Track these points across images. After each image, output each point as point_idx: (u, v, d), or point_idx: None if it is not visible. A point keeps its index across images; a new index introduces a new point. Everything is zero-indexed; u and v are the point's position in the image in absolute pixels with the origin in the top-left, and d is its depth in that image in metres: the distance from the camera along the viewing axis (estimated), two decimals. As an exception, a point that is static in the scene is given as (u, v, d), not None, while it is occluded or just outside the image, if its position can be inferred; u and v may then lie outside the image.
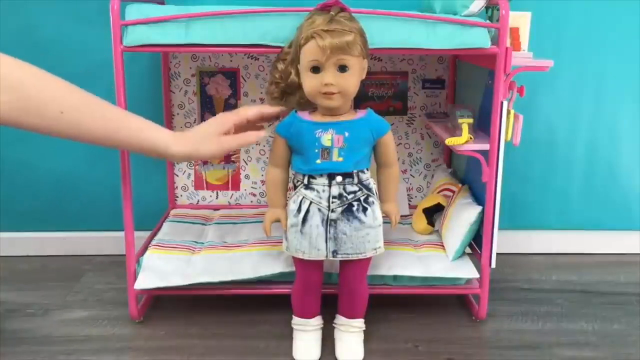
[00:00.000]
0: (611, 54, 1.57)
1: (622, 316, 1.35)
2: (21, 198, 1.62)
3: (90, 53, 1.51)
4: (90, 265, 1.59)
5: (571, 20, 1.54)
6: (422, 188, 1.65)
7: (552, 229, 1.69)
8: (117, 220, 1.33)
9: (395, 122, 1.59)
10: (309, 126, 1.10)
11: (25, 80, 0.94)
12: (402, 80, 1.57)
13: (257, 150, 1.60)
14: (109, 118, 1.01)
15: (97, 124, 1.00)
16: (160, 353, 1.19)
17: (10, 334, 1.26)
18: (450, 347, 1.22)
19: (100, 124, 1.00)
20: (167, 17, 1.11)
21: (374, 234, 1.13)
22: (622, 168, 1.65)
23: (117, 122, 1.02)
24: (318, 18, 1.05)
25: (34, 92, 0.94)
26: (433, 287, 1.30)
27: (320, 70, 1.05)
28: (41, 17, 1.50)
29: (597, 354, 1.21)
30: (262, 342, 1.23)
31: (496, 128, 1.19)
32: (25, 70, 0.95)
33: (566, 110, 1.61)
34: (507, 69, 1.16)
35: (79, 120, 0.98)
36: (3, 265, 1.58)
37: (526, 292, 1.46)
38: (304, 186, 1.11)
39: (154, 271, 1.26)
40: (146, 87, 1.55)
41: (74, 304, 1.39)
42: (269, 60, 1.52)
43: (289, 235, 1.13)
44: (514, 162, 1.58)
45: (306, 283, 1.16)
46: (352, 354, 1.17)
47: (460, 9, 1.19)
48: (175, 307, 1.36)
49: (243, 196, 1.64)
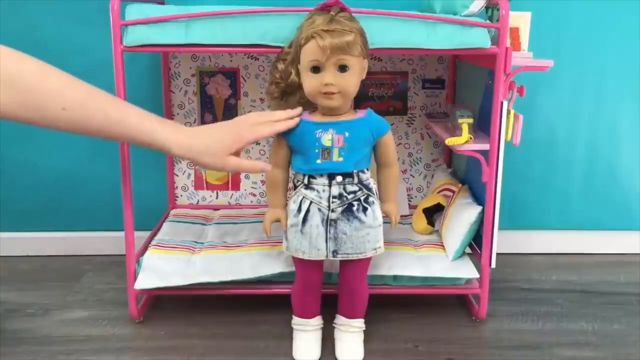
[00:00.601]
0: (611, 54, 1.57)
1: (622, 316, 1.35)
2: (21, 198, 1.62)
3: (90, 53, 1.51)
4: (90, 265, 1.59)
5: (571, 20, 1.54)
6: (422, 188, 1.65)
7: (552, 229, 1.69)
8: (117, 220, 1.33)
9: (395, 122, 1.59)
10: (309, 126, 1.10)
11: (26, 74, 0.92)
12: (402, 80, 1.57)
13: (257, 150, 1.60)
14: (109, 114, 0.99)
15: (98, 120, 0.98)
16: (160, 353, 1.19)
17: (10, 334, 1.26)
18: (450, 347, 1.22)
19: (101, 120, 0.98)
20: (167, 17, 1.11)
21: (374, 234, 1.13)
22: (622, 168, 1.65)
23: (118, 118, 1.00)
24: (318, 18, 1.05)
25: (35, 87, 0.92)
26: (433, 287, 1.30)
27: (321, 70, 1.05)
28: (41, 17, 1.50)
29: (597, 354, 1.21)
30: (262, 342, 1.23)
31: (496, 128, 1.19)
32: (26, 63, 0.93)
33: (566, 110, 1.61)
34: (507, 69, 1.16)
35: (79, 117, 0.97)
36: (3, 265, 1.58)
37: (526, 292, 1.46)
38: (304, 186, 1.11)
39: (154, 271, 1.26)
40: (146, 87, 1.55)
41: (74, 304, 1.39)
42: (269, 60, 1.52)
43: (289, 235, 1.13)
44: (514, 162, 1.58)
45: (306, 283, 1.16)
46: (352, 354, 1.17)
47: (460, 9, 1.19)
48: (175, 307, 1.36)
49: (243, 196, 1.64)
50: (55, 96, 0.94)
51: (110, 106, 1.00)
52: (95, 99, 0.99)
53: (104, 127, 0.99)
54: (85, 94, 0.98)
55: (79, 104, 0.96)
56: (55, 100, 0.94)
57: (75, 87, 0.97)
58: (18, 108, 0.92)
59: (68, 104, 0.95)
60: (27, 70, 0.92)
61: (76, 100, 0.96)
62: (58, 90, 0.94)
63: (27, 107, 0.92)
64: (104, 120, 0.99)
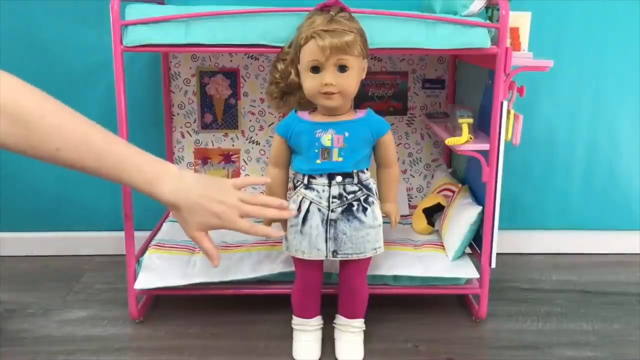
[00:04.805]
0: (611, 54, 1.57)
1: (622, 316, 1.35)
2: (21, 198, 1.62)
3: (90, 53, 1.51)
4: (90, 265, 1.59)
5: (571, 20, 1.54)
6: (422, 188, 1.65)
7: (552, 229, 1.69)
8: (117, 220, 1.33)
9: (395, 122, 1.59)
10: (309, 126, 1.10)
11: (24, 109, 0.87)
12: (402, 80, 1.57)
13: (257, 150, 1.60)
14: (105, 160, 0.94)
15: (91, 164, 0.94)
16: (160, 353, 1.19)
17: (10, 334, 1.26)
18: (450, 347, 1.22)
19: (94, 164, 0.94)
20: (167, 17, 1.11)
21: (373, 234, 1.13)
22: (622, 168, 1.65)
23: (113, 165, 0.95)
24: (318, 18, 1.05)
25: (31, 123, 0.87)
26: (433, 287, 1.30)
27: (320, 70, 1.05)
28: (41, 17, 1.50)
29: (597, 354, 1.21)
30: (262, 342, 1.23)
31: (496, 128, 1.19)
32: (26, 95, 0.88)
33: (566, 110, 1.61)
34: (507, 69, 1.16)
35: (73, 159, 0.93)
36: (3, 265, 1.58)
37: (526, 292, 1.46)
38: (304, 186, 1.11)
39: (154, 271, 1.26)
40: (146, 87, 1.55)
41: (74, 304, 1.39)
42: (269, 60, 1.52)
43: (289, 235, 1.13)
44: (513, 162, 1.58)
45: (306, 283, 1.16)
46: (352, 354, 1.17)
47: (460, 9, 1.19)
48: (175, 307, 1.36)
49: (243, 196, 1.63)
50: (50, 135, 0.90)
51: (107, 153, 0.95)
52: (90, 143, 0.93)
53: (99, 172, 0.96)
54: (82, 136, 0.92)
55: (76, 151, 0.92)
56: (49, 139, 0.90)
57: (72, 127, 0.92)
58: (8, 139, 0.88)
59: (62, 145, 0.91)
60: (25, 104, 0.88)
61: (73, 146, 0.92)
62: (57, 132, 0.90)
63: (20, 143, 0.89)
64: (98, 167, 0.95)
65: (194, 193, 1.00)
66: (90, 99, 1.53)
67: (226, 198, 1.01)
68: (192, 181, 1.02)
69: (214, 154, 1.60)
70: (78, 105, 0.94)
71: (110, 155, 0.95)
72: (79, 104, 0.93)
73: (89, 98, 1.53)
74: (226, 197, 1.02)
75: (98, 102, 1.52)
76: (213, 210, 1.00)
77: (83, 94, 1.53)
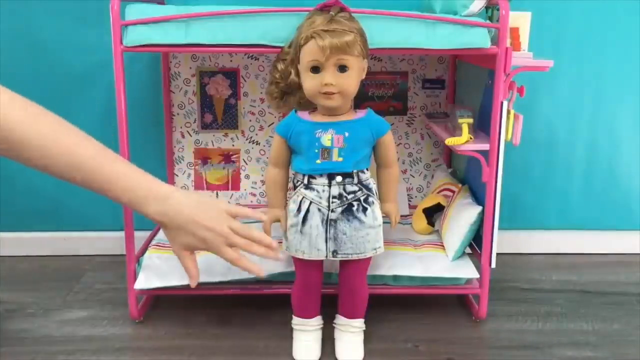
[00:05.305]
0: (611, 54, 1.57)
1: (622, 316, 1.35)
2: (21, 198, 1.62)
3: (90, 53, 1.51)
4: (90, 265, 1.59)
5: (571, 20, 1.54)
6: (422, 188, 1.65)
7: (552, 229, 1.69)
8: (117, 220, 1.33)
9: (395, 122, 1.59)
10: (308, 126, 1.10)
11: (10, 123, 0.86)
12: (402, 80, 1.57)
13: (257, 150, 1.60)
14: (92, 178, 0.94)
15: (79, 181, 0.93)
16: (160, 353, 1.19)
17: (10, 334, 1.26)
18: (450, 347, 1.22)
19: (82, 182, 0.94)
20: (167, 17, 1.11)
21: (374, 234, 1.13)
22: (622, 168, 1.65)
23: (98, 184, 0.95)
24: (318, 18, 1.05)
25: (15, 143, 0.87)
26: (433, 287, 1.30)
27: (320, 70, 1.05)
28: (41, 17, 1.50)
29: (597, 354, 1.21)
30: (262, 342, 1.23)
31: (496, 128, 1.19)
32: (14, 108, 0.87)
33: (566, 110, 1.61)
34: (507, 69, 1.16)
35: (62, 176, 0.92)
36: (3, 265, 1.58)
37: (526, 292, 1.46)
38: (304, 186, 1.11)
39: (154, 271, 1.26)
40: (146, 87, 1.55)
41: (74, 304, 1.39)
42: (269, 60, 1.52)
43: (289, 235, 1.13)
44: (513, 162, 1.58)
45: (306, 283, 1.16)
46: (352, 354, 1.16)
47: (460, 9, 1.19)
48: (175, 307, 1.36)
49: (243, 196, 1.63)
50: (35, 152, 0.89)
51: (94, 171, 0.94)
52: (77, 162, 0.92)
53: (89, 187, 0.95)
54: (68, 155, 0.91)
55: (65, 172, 0.92)
56: (34, 155, 0.90)
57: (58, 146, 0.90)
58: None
59: (49, 162, 0.91)
60: (12, 118, 0.86)
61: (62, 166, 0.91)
62: (39, 149, 0.89)
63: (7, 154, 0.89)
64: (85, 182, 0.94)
65: (183, 216, 0.99)
66: (90, 99, 1.52)
67: (216, 225, 0.99)
68: (183, 204, 0.99)
69: (214, 154, 1.60)
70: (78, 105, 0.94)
71: (97, 174, 0.94)
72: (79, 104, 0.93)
73: (89, 98, 1.52)
74: (216, 224, 0.99)
75: (98, 102, 1.52)
76: (200, 236, 0.99)
77: (83, 94, 1.52)
